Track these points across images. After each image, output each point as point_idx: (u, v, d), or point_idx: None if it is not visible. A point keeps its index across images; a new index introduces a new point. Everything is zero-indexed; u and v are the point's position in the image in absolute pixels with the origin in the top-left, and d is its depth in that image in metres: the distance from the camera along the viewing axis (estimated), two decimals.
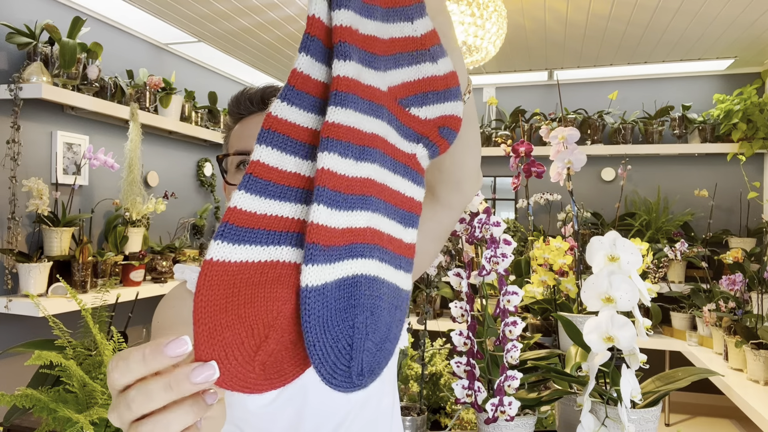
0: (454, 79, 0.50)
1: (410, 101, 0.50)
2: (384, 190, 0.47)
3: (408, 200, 0.49)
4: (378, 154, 0.46)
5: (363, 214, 0.44)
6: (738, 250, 2.84)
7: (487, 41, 2.29)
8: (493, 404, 1.06)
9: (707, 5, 2.72)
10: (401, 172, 0.49)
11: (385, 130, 0.47)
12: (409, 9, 0.48)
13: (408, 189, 0.49)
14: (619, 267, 0.96)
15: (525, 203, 3.75)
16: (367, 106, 0.45)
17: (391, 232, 0.47)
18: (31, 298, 1.62)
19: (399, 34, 0.48)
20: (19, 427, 1.41)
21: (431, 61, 0.49)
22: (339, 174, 0.42)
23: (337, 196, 0.42)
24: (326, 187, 0.41)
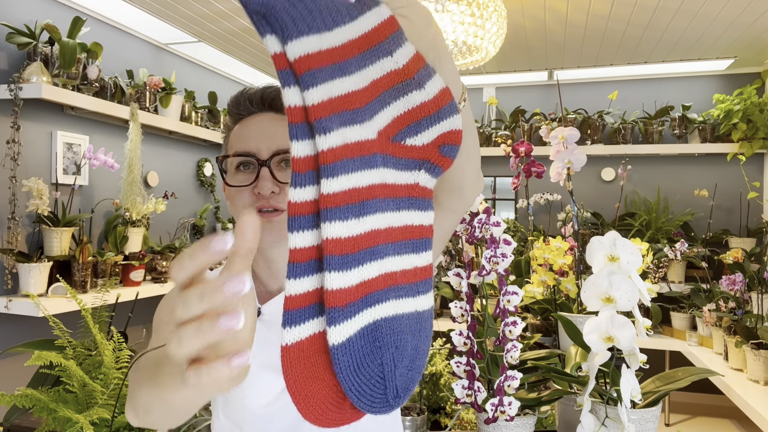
0: (446, 97, 0.50)
1: (404, 134, 0.49)
2: (390, 232, 0.48)
3: (418, 229, 0.50)
4: (378, 202, 0.47)
5: (373, 265, 0.46)
6: (738, 250, 2.84)
7: (487, 41, 2.29)
8: (493, 404, 1.06)
9: (707, 5, 2.72)
10: (405, 206, 0.50)
11: (381, 176, 0.47)
12: (386, 43, 0.47)
13: (416, 218, 0.50)
14: (619, 267, 0.96)
15: (525, 203, 3.76)
16: (358, 163, 0.45)
17: (405, 265, 0.49)
18: (31, 298, 1.62)
19: (380, 73, 0.47)
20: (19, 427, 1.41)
21: (418, 89, 0.49)
22: (344, 238, 0.44)
23: (345, 258, 0.44)
24: (334, 255, 0.44)
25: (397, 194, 0.49)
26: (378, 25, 0.47)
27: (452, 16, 2.18)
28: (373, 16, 0.47)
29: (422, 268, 0.51)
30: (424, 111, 0.49)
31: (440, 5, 2.15)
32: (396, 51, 0.47)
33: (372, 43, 0.47)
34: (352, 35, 0.46)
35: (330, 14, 0.44)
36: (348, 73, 0.46)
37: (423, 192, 0.51)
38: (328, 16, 0.44)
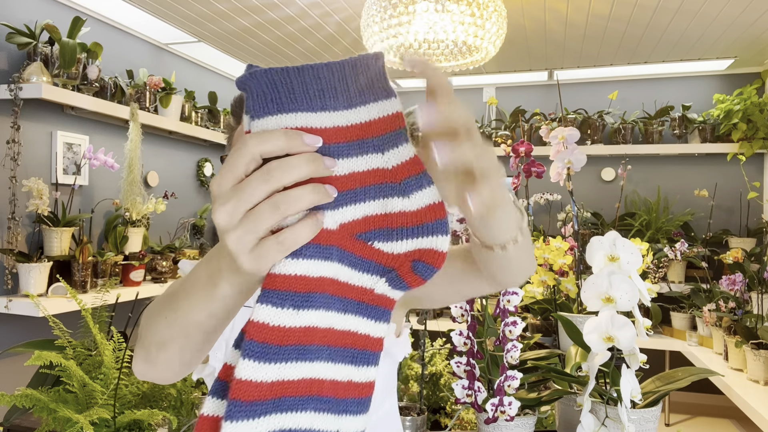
0: (434, 214, 0.44)
1: (372, 235, 0.44)
2: (329, 334, 0.43)
3: (361, 338, 0.45)
4: (324, 298, 0.43)
5: (298, 366, 0.41)
6: (738, 250, 2.84)
7: (487, 41, 2.29)
8: (493, 404, 1.06)
9: (707, 5, 2.72)
10: (353, 310, 0.44)
11: (334, 271, 0.43)
12: (380, 140, 0.43)
13: (362, 326, 0.45)
14: (619, 267, 0.96)
15: (525, 203, 3.75)
16: (314, 251, 0.42)
17: (336, 376, 0.44)
18: (31, 298, 1.62)
19: (363, 167, 0.43)
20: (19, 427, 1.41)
21: (401, 196, 0.43)
22: (272, 326, 0.40)
23: (267, 349, 0.40)
24: (254, 341, 0.39)
25: (346, 294, 0.44)
26: (378, 119, 0.43)
27: (452, 16, 2.18)
28: (375, 109, 0.43)
29: (358, 384, 0.45)
30: (402, 220, 0.44)
31: (440, 5, 2.15)
32: (388, 150, 0.43)
33: (364, 135, 0.43)
34: (342, 122, 0.43)
35: (320, 97, 0.42)
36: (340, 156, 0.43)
37: (378, 300, 0.45)
38: (316, 98, 0.42)
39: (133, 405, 1.33)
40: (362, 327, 0.45)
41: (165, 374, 0.62)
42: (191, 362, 0.60)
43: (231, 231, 0.40)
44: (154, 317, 0.59)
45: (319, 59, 3.67)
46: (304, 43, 3.33)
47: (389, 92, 0.43)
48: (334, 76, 0.42)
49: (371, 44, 2.39)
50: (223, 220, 0.40)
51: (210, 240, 3.78)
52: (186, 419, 1.38)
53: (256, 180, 0.39)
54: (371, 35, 2.34)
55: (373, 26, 2.29)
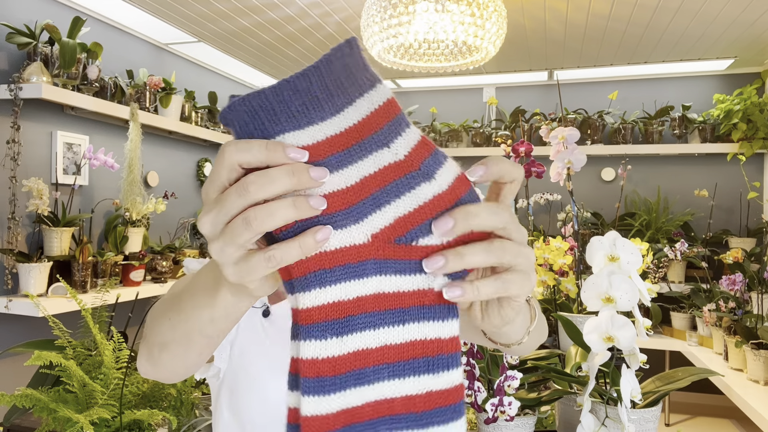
0: (464, 185, 0.42)
1: (414, 234, 0.42)
2: (386, 351, 0.41)
3: (433, 343, 0.42)
4: (368, 317, 0.41)
5: (358, 391, 0.40)
6: (738, 250, 2.84)
7: (487, 41, 2.29)
8: (493, 404, 1.06)
9: (707, 5, 2.72)
10: (414, 317, 0.42)
11: (375, 286, 0.41)
12: (381, 134, 0.40)
13: (429, 331, 0.42)
14: (619, 267, 0.96)
15: (525, 203, 3.75)
16: (339, 274, 0.40)
17: (409, 390, 0.42)
18: (31, 298, 1.62)
19: (374, 167, 0.40)
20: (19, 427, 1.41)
21: (427, 180, 0.41)
22: (321, 359, 0.39)
23: (322, 382, 0.39)
24: (308, 377, 0.39)
25: (399, 305, 0.42)
26: (371, 113, 0.40)
27: (452, 16, 2.18)
28: (365, 103, 0.40)
29: (442, 392, 0.42)
30: (439, 205, 0.41)
31: (440, 5, 2.15)
32: (394, 141, 0.41)
33: (362, 135, 0.40)
34: (335, 130, 0.40)
35: (305, 112, 0.39)
36: (339, 168, 0.40)
37: (440, 298, 0.42)
38: (301, 114, 0.39)
39: (133, 405, 1.33)
40: (429, 331, 0.42)
41: (167, 374, 0.62)
42: (194, 364, 0.60)
43: (214, 241, 0.40)
44: (159, 318, 0.59)
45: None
46: (304, 43, 3.33)
47: (373, 80, 0.40)
48: (312, 84, 0.39)
49: (371, 44, 2.39)
50: (207, 230, 0.40)
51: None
52: (186, 419, 1.38)
53: (234, 193, 0.38)
54: (371, 35, 2.34)
55: (373, 26, 2.29)
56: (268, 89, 0.39)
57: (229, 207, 0.38)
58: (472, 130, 4.07)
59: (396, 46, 2.39)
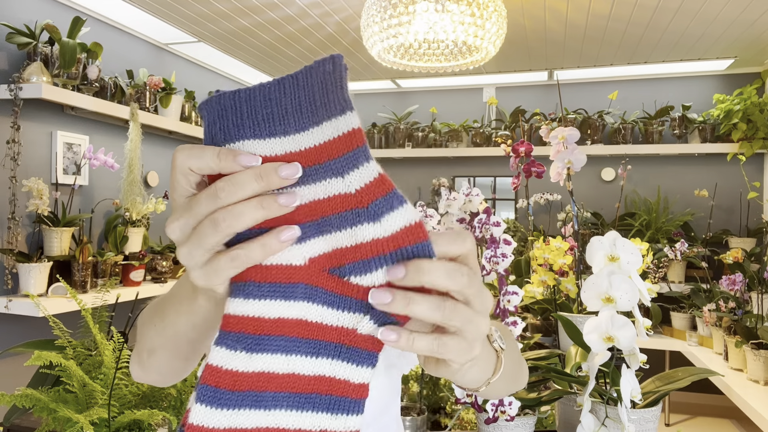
0: (412, 236, 0.39)
1: (347, 270, 0.40)
2: (291, 379, 0.40)
3: (339, 384, 0.40)
4: (282, 341, 0.40)
5: (252, 413, 0.39)
6: (738, 250, 2.84)
7: (487, 41, 2.29)
8: (493, 404, 1.06)
9: (707, 5, 2.72)
10: (328, 353, 0.41)
11: (299, 311, 0.40)
12: (338, 162, 0.39)
13: (341, 371, 0.40)
14: (619, 267, 0.96)
15: (525, 203, 3.76)
16: (268, 290, 0.39)
17: (302, 425, 0.40)
18: (31, 298, 1.62)
19: (324, 194, 0.39)
20: (19, 427, 1.41)
21: (371, 221, 0.39)
22: (225, 369, 0.38)
23: (219, 394, 0.38)
24: (208, 384, 0.38)
25: (320, 336, 0.40)
26: (333, 139, 0.39)
27: (452, 16, 2.18)
28: (330, 128, 0.38)
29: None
30: (377, 248, 0.39)
31: (440, 5, 2.15)
32: (349, 173, 0.39)
33: (320, 159, 0.39)
34: (294, 147, 0.39)
35: (269, 122, 0.38)
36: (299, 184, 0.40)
37: (363, 342, 0.41)
38: (265, 123, 0.38)
39: (133, 405, 1.33)
40: (340, 372, 0.40)
41: (157, 378, 0.63)
42: (182, 369, 0.61)
43: (181, 246, 0.39)
44: (147, 323, 0.60)
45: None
46: (304, 43, 3.33)
47: (345, 105, 0.38)
48: (285, 95, 0.38)
49: (371, 44, 2.39)
50: (176, 235, 0.40)
51: None
52: None
53: (204, 198, 0.38)
54: (371, 35, 2.34)
55: (373, 26, 2.29)
56: (243, 91, 0.38)
57: (197, 210, 0.38)
58: (472, 130, 4.07)
59: (396, 46, 2.38)
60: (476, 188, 1.07)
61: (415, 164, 4.42)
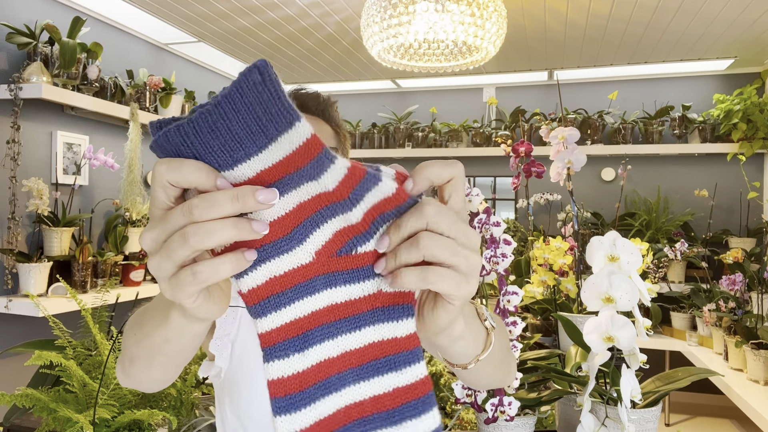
0: (398, 199, 0.42)
1: (352, 244, 0.43)
2: (347, 357, 0.43)
3: (390, 343, 0.43)
4: (323, 329, 0.42)
5: (327, 400, 0.42)
6: (738, 250, 2.84)
7: (487, 41, 2.29)
8: (493, 404, 1.06)
9: (707, 5, 2.72)
10: (368, 321, 0.43)
11: (327, 299, 0.43)
12: (307, 170, 0.40)
13: (385, 332, 0.43)
14: (619, 267, 0.96)
15: (525, 203, 3.76)
16: (292, 294, 0.41)
17: (375, 391, 0.43)
18: (31, 298, 1.62)
19: (306, 196, 0.40)
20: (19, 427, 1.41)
21: (355, 205, 0.41)
22: (287, 377, 0.41)
23: (291, 399, 0.40)
24: (278, 397, 0.40)
25: (354, 311, 0.43)
26: (292, 152, 0.39)
27: (452, 16, 2.18)
28: (285, 143, 0.38)
29: (408, 387, 0.43)
30: (369, 220, 0.42)
31: (440, 5, 2.15)
32: (321, 175, 0.40)
33: (289, 170, 0.39)
34: (261, 166, 0.39)
35: (227, 151, 0.38)
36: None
37: (392, 299, 0.43)
38: (224, 153, 0.38)
39: (133, 405, 1.33)
40: (386, 332, 0.43)
41: (138, 385, 0.64)
42: (161, 380, 0.62)
43: (152, 256, 0.40)
44: (129, 332, 0.60)
45: (319, 59, 3.67)
46: (304, 43, 3.33)
47: (290, 117, 0.37)
48: (230, 121, 0.37)
49: (371, 44, 2.39)
50: (147, 245, 0.40)
51: None
52: (186, 419, 1.38)
53: (178, 212, 0.38)
54: (371, 35, 2.34)
55: (373, 26, 2.29)
56: (187, 125, 0.37)
57: (171, 224, 0.38)
58: (472, 130, 4.07)
59: (396, 46, 2.38)
60: (476, 188, 1.07)
61: (416, 164, 4.40)
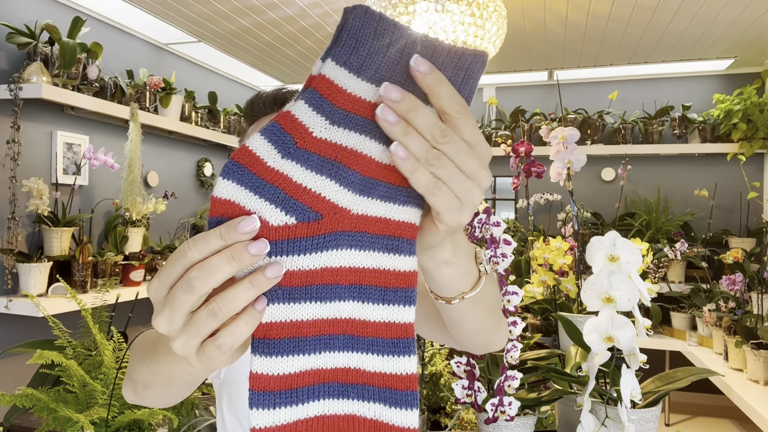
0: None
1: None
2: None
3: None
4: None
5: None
6: (738, 250, 2.84)
7: (487, 41, 2.29)
8: (493, 404, 1.06)
9: (707, 5, 2.72)
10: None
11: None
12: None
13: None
14: (619, 267, 0.96)
15: (525, 203, 3.76)
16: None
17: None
18: (30, 298, 1.62)
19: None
20: (19, 427, 1.41)
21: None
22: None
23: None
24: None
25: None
26: None
27: (452, 16, 2.18)
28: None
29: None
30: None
31: (440, 5, 2.15)
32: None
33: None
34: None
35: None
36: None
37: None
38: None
39: (133, 404, 1.33)
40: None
41: (152, 405, 0.64)
42: (178, 399, 0.62)
43: (175, 339, 0.40)
44: (140, 358, 0.60)
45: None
46: (304, 43, 3.33)
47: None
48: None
49: None
50: (165, 329, 0.40)
51: None
52: (186, 419, 1.38)
53: (180, 290, 0.38)
54: None
55: None
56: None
57: (180, 304, 0.38)
58: None
59: None
60: None
61: None
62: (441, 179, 0.41)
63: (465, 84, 0.41)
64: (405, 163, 0.40)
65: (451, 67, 0.41)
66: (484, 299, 0.60)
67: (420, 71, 0.39)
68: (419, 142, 0.40)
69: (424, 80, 0.39)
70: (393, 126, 0.39)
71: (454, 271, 0.54)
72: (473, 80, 0.41)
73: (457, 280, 0.55)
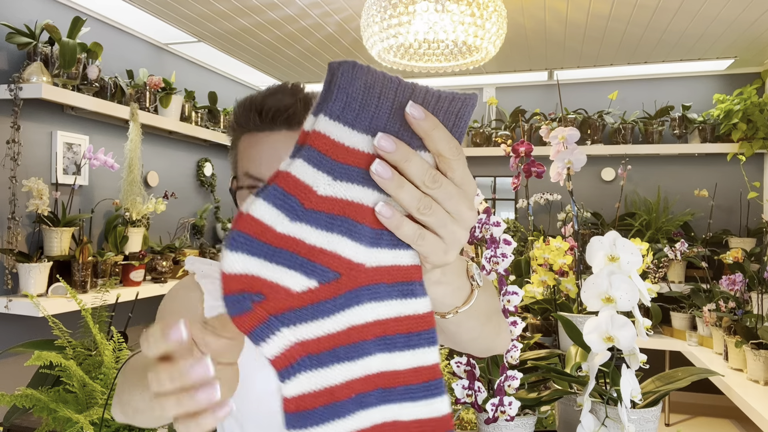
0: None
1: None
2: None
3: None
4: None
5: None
6: (738, 250, 2.84)
7: (487, 41, 2.29)
8: (493, 404, 1.06)
9: (707, 5, 2.72)
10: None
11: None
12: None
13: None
14: (619, 267, 0.96)
15: (525, 203, 3.75)
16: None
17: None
18: (30, 298, 1.62)
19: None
20: (19, 427, 1.41)
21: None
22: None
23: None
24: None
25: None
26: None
27: (452, 16, 2.18)
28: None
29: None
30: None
31: (440, 5, 2.15)
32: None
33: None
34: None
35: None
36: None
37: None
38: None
39: None
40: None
41: (143, 427, 0.65)
42: (170, 421, 0.62)
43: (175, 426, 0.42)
44: (131, 384, 0.60)
45: (319, 59, 3.67)
46: (304, 43, 3.33)
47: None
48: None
49: (371, 44, 2.39)
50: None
51: (210, 240, 3.77)
52: None
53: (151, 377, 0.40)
54: (371, 35, 2.34)
55: (373, 26, 2.29)
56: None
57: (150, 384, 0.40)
58: (472, 130, 4.07)
59: (396, 46, 2.38)
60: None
61: None
62: (429, 225, 0.43)
63: (456, 126, 0.43)
64: (390, 221, 0.42)
65: (442, 111, 0.43)
66: (479, 310, 0.60)
67: (415, 117, 0.41)
68: (411, 194, 0.42)
69: (419, 126, 0.41)
70: (387, 182, 0.41)
71: (445, 289, 0.55)
72: (464, 122, 0.43)
73: (448, 297, 0.56)
